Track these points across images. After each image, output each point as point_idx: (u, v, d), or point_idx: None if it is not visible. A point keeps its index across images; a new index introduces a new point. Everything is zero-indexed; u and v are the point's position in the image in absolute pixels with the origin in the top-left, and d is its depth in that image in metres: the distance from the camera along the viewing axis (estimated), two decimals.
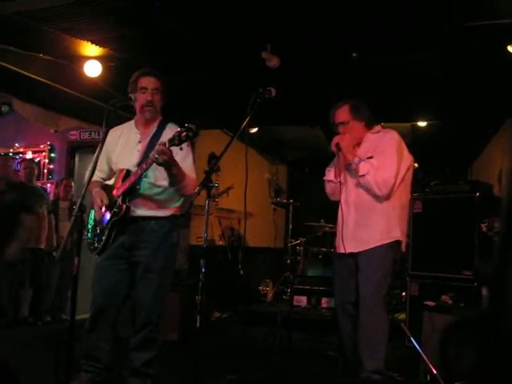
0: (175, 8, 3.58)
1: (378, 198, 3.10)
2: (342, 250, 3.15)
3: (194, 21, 3.80)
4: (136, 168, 2.88)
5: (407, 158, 3.16)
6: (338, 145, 3.19)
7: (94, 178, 3.12)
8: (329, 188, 3.39)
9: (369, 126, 3.28)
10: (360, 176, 3.11)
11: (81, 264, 2.47)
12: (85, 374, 2.93)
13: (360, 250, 3.11)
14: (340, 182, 3.25)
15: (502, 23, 3.42)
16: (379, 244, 3.07)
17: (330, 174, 3.37)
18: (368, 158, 3.11)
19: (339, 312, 3.32)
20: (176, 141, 2.56)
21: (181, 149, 2.62)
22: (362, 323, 3.05)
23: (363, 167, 3.09)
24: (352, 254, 3.15)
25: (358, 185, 3.15)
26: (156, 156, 2.61)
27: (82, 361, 2.95)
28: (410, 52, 4.09)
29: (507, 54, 3.68)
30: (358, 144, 3.25)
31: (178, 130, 2.58)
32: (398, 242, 3.14)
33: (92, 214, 3.14)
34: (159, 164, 2.68)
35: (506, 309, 0.71)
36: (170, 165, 2.70)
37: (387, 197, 3.08)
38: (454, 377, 3.08)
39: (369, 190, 3.10)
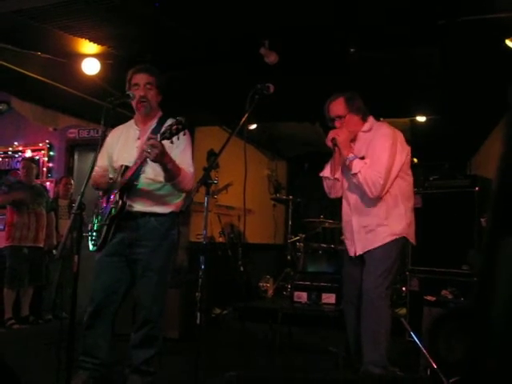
0: (173, 5, 3.57)
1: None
2: (353, 253, 3.18)
3: (192, 17, 3.79)
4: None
5: (401, 151, 3.08)
6: (334, 140, 3.12)
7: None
8: (325, 185, 3.34)
9: (364, 119, 3.20)
10: (352, 174, 3.06)
11: (81, 262, 2.47)
12: (82, 371, 2.92)
13: (366, 249, 3.12)
14: (336, 178, 3.21)
15: (500, 17, 3.42)
16: (384, 243, 3.06)
17: (326, 171, 3.31)
18: (361, 158, 3.06)
19: (345, 305, 3.32)
20: (167, 134, 2.56)
21: (171, 142, 2.61)
22: (363, 315, 3.05)
23: (355, 166, 3.03)
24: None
25: (356, 184, 3.11)
26: (148, 151, 2.59)
27: (81, 357, 2.94)
28: (409, 47, 4.08)
29: (506, 47, 3.67)
30: (354, 139, 3.19)
31: (169, 123, 2.58)
32: (403, 238, 3.11)
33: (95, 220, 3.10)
34: (152, 160, 2.67)
35: (494, 299, 0.71)
36: (162, 159, 2.67)
37: (386, 192, 3.04)
38: (445, 368, 3.07)
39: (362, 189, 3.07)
